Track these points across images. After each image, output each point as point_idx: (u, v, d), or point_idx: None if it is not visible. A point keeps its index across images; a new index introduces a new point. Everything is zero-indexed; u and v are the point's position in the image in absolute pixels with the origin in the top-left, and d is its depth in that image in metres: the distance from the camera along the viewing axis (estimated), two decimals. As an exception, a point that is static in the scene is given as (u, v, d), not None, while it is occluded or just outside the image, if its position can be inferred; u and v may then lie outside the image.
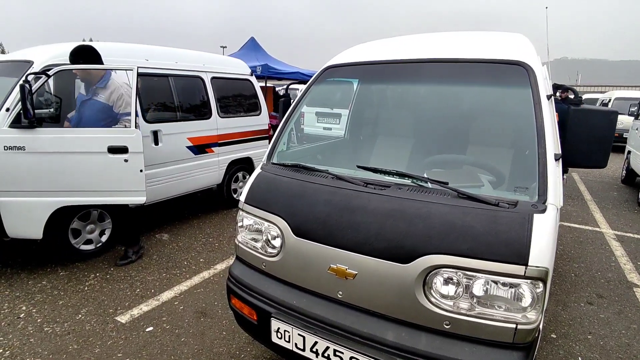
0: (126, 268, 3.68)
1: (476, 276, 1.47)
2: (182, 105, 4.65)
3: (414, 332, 1.55)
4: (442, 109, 2.28)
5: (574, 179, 8.30)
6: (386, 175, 1.85)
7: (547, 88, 1.85)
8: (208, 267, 3.76)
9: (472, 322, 1.47)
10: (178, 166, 4.60)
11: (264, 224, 1.96)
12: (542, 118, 1.70)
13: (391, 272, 1.57)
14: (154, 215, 5.10)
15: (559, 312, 3.12)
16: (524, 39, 2.26)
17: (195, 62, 4.85)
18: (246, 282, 2.00)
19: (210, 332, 2.77)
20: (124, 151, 3.40)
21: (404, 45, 2.44)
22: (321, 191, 1.85)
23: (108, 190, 3.44)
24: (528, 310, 1.44)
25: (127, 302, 3.11)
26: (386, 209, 1.66)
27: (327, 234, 1.71)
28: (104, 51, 3.88)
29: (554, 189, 1.58)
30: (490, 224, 1.50)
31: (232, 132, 5.32)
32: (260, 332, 1.92)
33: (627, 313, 3.14)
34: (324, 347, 1.66)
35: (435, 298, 1.53)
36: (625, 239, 4.77)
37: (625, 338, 2.81)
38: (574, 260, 4.11)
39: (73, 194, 3.38)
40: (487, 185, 1.81)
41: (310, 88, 2.44)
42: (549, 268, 1.44)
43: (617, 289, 3.53)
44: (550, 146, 1.65)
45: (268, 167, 2.19)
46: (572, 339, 2.78)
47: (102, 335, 2.70)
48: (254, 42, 11.25)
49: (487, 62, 1.98)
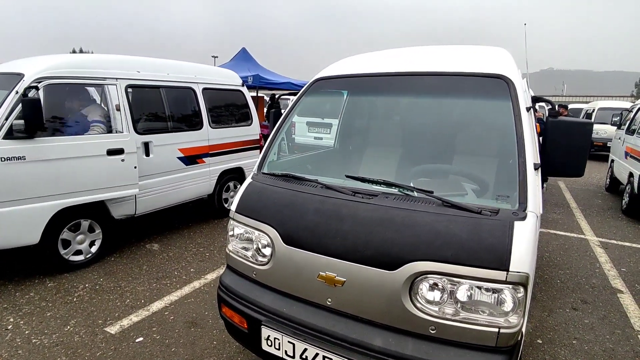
0: (116, 278, 3.66)
1: (460, 282, 1.52)
2: (173, 116, 4.67)
3: (401, 338, 1.59)
4: (428, 120, 2.36)
5: (560, 187, 8.47)
6: (374, 185, 1.91)
7: (526, 100, 1.93)
8: (199, 277, 3.76)
9: (456, 327, 1.52)
10: (169, 177, 4.61)
11: (255, 232, 1.99)
12: (522, 129, 1.78)
13: (379, 279, 1.61)
14: (144, 225, 5.08)
15: (545, 317, 3.18)
16: (505, 53, 2.36)
17: (186, 74, 4.90)
18: (237, 291, 2.02)
19: (201, 342, 2.77)
20: (121, 152, 3.87)
21: (392, 58, 2.52)
22: (311, 200, 1.89)
23: (107, 187, 3.83)
24: (510, 314, 1.49)
25: (117, 313, 3.10)
26: (374, 217, 1.71)
27: (317, 242, 1.75)
28: (96, 62, 3.93)
29: (533, 197, 1.65)
30: (473, 231, 1.55)
31: (224, 143, 5.35)
32: (250, 340, 1.94)
33: (611, 318, 3.21)
34: (313, 354, 1.68)
35: (421, 304, 1.57)
36: (609, 246, 4.88)
37: (610, 343, 2.88)
38: (559, 267, 4.19)
39: (74, 195, 3.63)
40: (470, 193, 1.88)
41: (301, 99, 2.50)
42: (529, 273, 1.49)
43: (601, 294, 3.61)
44: (530, 156, 1.72)
45: (259, 177, 2.23)
46: (558, 344, 2.84)
47: (91, 346, 2.68)
48: (245, 53, 11.36)
49: (470, 75, 2.06)
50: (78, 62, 3.80)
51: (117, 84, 4.01)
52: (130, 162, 3.98)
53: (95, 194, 3.75)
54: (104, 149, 3.77)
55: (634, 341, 2.90)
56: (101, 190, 3.79)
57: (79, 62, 3.81)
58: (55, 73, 3.55)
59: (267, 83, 10.31)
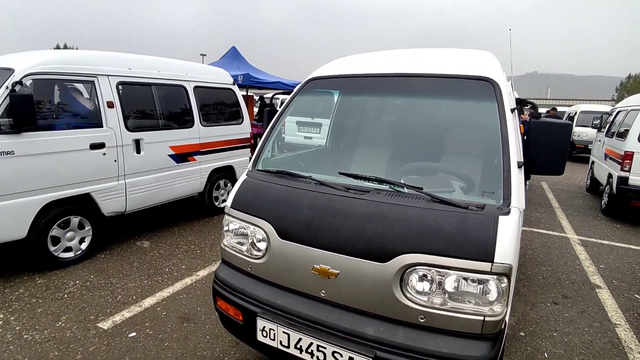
0: (107, 275, 3.66)
1: (448, 273, 1.61)
2: (164, 113, 4.68)
3: (392, 327, 1.67)
4: (418, 120, 2.45)
5: (543, 187, 8.71)
6: (366, 181, 1.98)
7: (511, 102, 2.03)
8: (190, 273, 3.78)
9: (444, 316, 1.60)
10: (160, 174, 4.62)
11: (250, 227, 2.05)
12: (506, 129, 1.88)
13: (371, 271, 1.68)
14: (134, 222, 5.07)
15: (528, 311, 3.31)
16: (491, 56, 2.46)
17: (178, 72, 4.91)
18: (232, 284, 2.07)
19: (194, 336, 2.80)
20: (102, 146, 3.91)
21: (383, 60, 2.60)
22: (305, 196, 1.95)
23: (90, 180, 3.89)
24: (494, 303, 1.58)
25: (109, 309, 3.11)
26: (366, 212, 1.78)
27: (311, 236, 1.82)
28: (86, 59, 3.92)
29: (517, 194, 1.74)
30: (460, 225, 1.64)
31: (214, 141, 5.37)
32: (245, 332, 2.00)
33: (589, 312, 3.36)
34: (307, 343, 1.75)
35: (411, 294, 1.65)
36: (588, 244, 5.07)
37: (588, 335, 3.01)
38: (541, 264, 4.34)
39: (60, 189, 3.66)
40: (458, 190, 1.97)
41: (295, 98, 2.56)
42: (512, 264, 1.58)
43: (580, 290, 3.76)
44: (514, 155, 1.82)
45: (253, 174, 2.28)
46: (539, 336, 2.96)
47: (84, 341, 2.70)
48: (235, 52, 11.35)
49: (457, 77, 2.15)
50: (69, 58, 3.79)
51: (108, 80, 4.01)
52: (111, 156, 4.02)
53: (78, 187, 3.80)
54: (87, 143, 3.80)
55: (611, 333, 3.05)
56: (84, 183, 3.84)
57: (70, 58, 3.80)
58: (46, 69, 3.54)
59: (257, 82, 10.32)
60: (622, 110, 7.13)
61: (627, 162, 5.82)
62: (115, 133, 4.03)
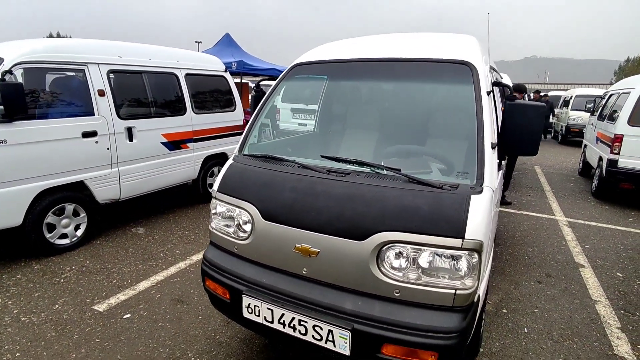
0: (102, 261, 3.75)
1: (422, 249, 1.68)
2: (156, 101, 4.71)
3: (369, 301, 1.75)
4: (399, 103, 2.50)
5: (535, 171, 8.79)
6: (347, 164, 2.04)
7: (487, 85, 2.08)
8: (184, 258, 3.87)
9: (418, 290, 1.69)
10: (153, 162, 4.67)
11: (236, 210, 2.12)
12: (481, 111, 1.93)
13: (349, 249, 1.76)
14: (129, 209, 5.14)
15: (511, 290, 3.41)
16: (472, 40, 2.50)
17: (169, 59, 4.91)
18: (219, 264, 2.15)
19: (187, 317, 2.90)
20: (94, 134, 3.96)
21: (367, 45, 2.63)
22: (288, 179, 2.02)
23: (83, 168, 3.95)
24: (465, 278, 1.66)
25: (104, 293, 3.20)
26: (345, 193, 1.85)
27: (293, 217, 1.89)
28: (76, 47, 3.93)
29: (490, 174, 1.81)
30: (434, 204, 1.71)
31: (207, 128, 5.41)
32: (232, 310, 2.08)
33: (571, 290, 3.46)
34: (290, 318, 1.83)
35: (387, 270, 1.73)
36: (576, 225, 5.17)
37: (568, 311, 3.12)
38: (528, 245, 4.45)
39: (54, 177, 3.72)
40: (435, 171, 2.03)
41: (280, 84, 2.60)
42: (483, 241, 1.66)
43: (564, 269, 3.86)
44: (488, 136, 1.88)
45: (239, 158, 2.34)
46: (521, 313, 3.07)
47: (80, 323, 2.79)
48: (229, 38, 11.26)
49: (437, 61, 2.20)
50: (58, 47, 3.80)
51: (99, 69, 4.03)
52: (104, 144, 4.08)
53: (72, 175, 3.85)
54: (79, 131, 3.85)
55: (590, 309, 3.16)
56: (78, 171, 3.90)
57: (60, 47, 3.81)
58: (35, 57, 3.56)
59: (251, 69, 10.28)
60: (614, 93, 7.16)
61: (617, 144, 5.89)
62: (107, 121, 4.07)
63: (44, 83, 3.92)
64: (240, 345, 2.60)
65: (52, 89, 3.90)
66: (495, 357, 2.55)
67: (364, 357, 1.73)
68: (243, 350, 2.55)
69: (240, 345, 2.60)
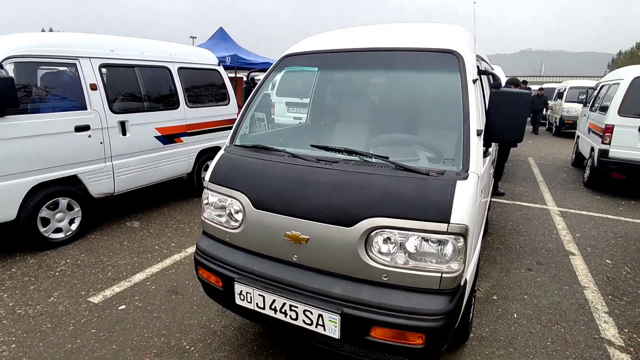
0: (97, 254, 3.77)
1: (409, 234, 1.72)
2: (149, 95, 4.71)
3: (358, 285, 1.79)
4: (387, 92, 2.53)
5: (529, 162, 8.86)
6: (337, 153, 2.07)
7: (474, 73, 2.11)
8: (179, 250, 3.90)
9: (406, 274, 1.73)
10: (147, 156, 4.68)
11: (227, 199, 2.14)
12: (468, 99, 1.96)
13: (338, 235, 1.79)
14: (124, 203, 5.16)
15: (502, 277, 3.47)
16: (460, 30, 2.52)
17: (161, 53, 4.90)
18: (212, 253, 2.18)
19: (182, 307, 2.94)
20: (87, 129, 3.95)
21: (357, 35, 2.65)
22: (278, 168, 2.05)
23: (77, 162, 3.95)
24: (451, 261, 1.70)
25: (100, 285, 3.22)
26: (334, 181, 1.88)
27: (283, 205, 1.92)
28: (68, 41, 3.93)
29: (475, 160, 1.84)
30: (420, 190, 1.74)
31: (201, 122, 5.41)
32: (225, 297, 2.12)
33: (561, 277, 3.52)
34: (281, 304, 1.87)
35: (375, 255, 1.77)
36: (567, 215, 5.24)
37: (557, 297, 3.18)
38: (520, 234, 4.50)
39: (46, 171, 3.73)
40: (423, 159, 2.06)
41: (270, 75, 2.62)
42: (468, 225, 1.70)
43: (555, 257, 3.93)
44: (474, 124, 1.91)
45: (230, 149, 2.36)
46: (511, 299, 3.13)
47: (76, 314, 2.82)
48: (222, 33, 11.22)
49: (424, 50, 2.22)
50: (50, 41, 3.79)
51: (91, 63, 4.02)
52: (97, 138, 4.08)
53: (65, 169, 3.86)
54: (71, 125, 3.85)
55: (579, 295, 3.22)
56: (71, 165, 3.90)
57: (51, 41, 3.80)
58: (26, 52, 3.55)
59: (245, 63, 10.26)
60: (605, 84, 7.22)
61: (608, 135, 5.95)
62: (100, 115, 4.07)
63: (36, 77, 3.92)
64: (234, 333, 2.64)
65: (44, 83, 3.90)
66: (484, 341, 2.61)
67: (353, 340, 1.78)
68: (237, 338, 2.59)
69: (235, 334, 2.64)
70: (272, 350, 2.49)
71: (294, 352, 2.46)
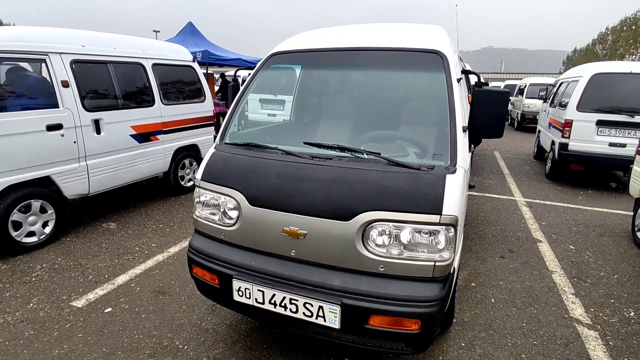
0: (75, 257, 3.65)
1: (403, 226, 1.81)
2: (123, 92, 4.56)
3: (356, 277, 1.87)
4: (374, 90, 2.61)
5: (495, 156, 9.29)
6: (329, 150, 2.13)
7: (457, 72, 2.23)
8: (161, 250, 3.84)
9: (401, 264, 1.82)
10: (122, 155, 4.56)
11: (221, 197, 2.16)
12: (453, 97, 2.08)
13: (336, 229, 1.86)
14: (99, 204, 4.99)
15: (478, 266, 3.67)
16: (441, 30, 2.64)
17: (135, 49, 4.77)
18: (207, 251, 2.19)
19: (170, 307, 2.91)
20: (60, 127, 3.81)
21: (342, 34, 2.72)
22: (273, 165, 2.08)
23: (49, 163, 3.79)
24: (443, 250, 1.81)
25: (81, 289, 3.14)
26: (330, 177, 1.94)
27: (280, 201, 1.96)
28: (37, 36, 3.75)
29: (462, 155, 1.96)
30: (413, 184, 1.84)
31: (177, 120, 5.31)
32: (222, 294, 2.14)
33: (531, 263, 3.77)
34: (281, 298, 1.92)
35: (372, 247, 1.85)
36: (533, 205, 5.57)
37: (529, 282, 3.41)
38: (491, 224, 4.76)
39: (18, 172, 3.56)
40: (412, 154, 2.17)
41: (258, 73, 2.64)
42: (458, 216, 1.81)
43: (524, 244, 4.19)
44: (460, 120, 2.03)
45: (221, 147, 2.37)
46: (488, 285, 3.32)
47: (59, 319, 2.74)
48: (192, 27, 10.95)
49: (410, 50, 2.32)
50: (17, 36, 3.60)
51: (61, 58, 3.86)
52: (70, 137, 3.93)
53: (37, 170, 3.70)
54: (43, 124, 3.68)
55: (547, 279, 3.46)
56: (44, 166, 3.74)
57: (19, 36, 3.61)
58: (-9, 46, 3.36)
59: (216, 59, 10.08)
60: (564, 81, 7.68)
61: (567, 129, 6.35)
62: (73, 113, 3.92)
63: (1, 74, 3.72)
64: (227, 330, 2.66)
65: (12, 80, 3.70)
66: (467, 326, 2.77)
67: (352, 329, 1.86)
68: (230, 335, 2.61)
69: (227, 331, 2.65)
70: (267, 345, 2.53)
71: (288, 346, 2.52)
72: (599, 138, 6.15)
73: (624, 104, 6.01)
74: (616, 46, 41.67)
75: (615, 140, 6.07)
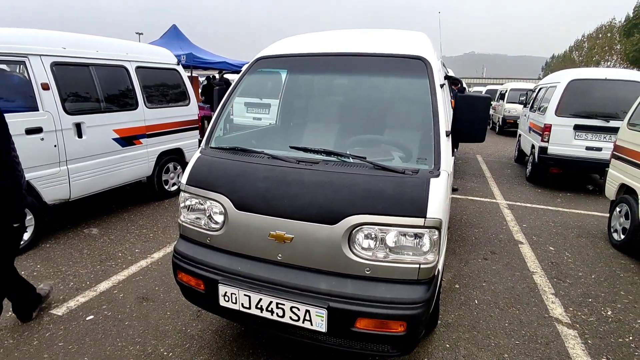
0: (55, 264, 3.56)
1: (389, 230, 1.84)
2: (105, 96, 4.49)
3: (342, 280, 1.88)
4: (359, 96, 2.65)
5: (477, 159, 9.47)
6: (315, 154, 2.15)
7: (440, 78, 2.28)
8: (145, 256, 3.78)
9: (387, 267, 1.85)
10: (105, 159, 4.48)
11: (207, 202, 2.15)
12: (436, 103, 2.12)
13: (322, 233, 1.88)
14: (80, 209, 4.88)
15: (462, 267, 3.73)
16: (424, 37, 2.70)
17: (117, 51, 4.70)
18: (192, 257, 2.17)
19: (155, 313, 2.87)
20: (39, 131, 3.73)
21: (328, 40, 2.75)
22: (259, 169, 2.09)
23: (28, 167, 3.53)
24: (428, 253, 1.84)
25: (62, 296, 3.06)
26: (316, 181, 1.96)
27: (267, 205, 1.97)
28: (16, 37, 3.67)
29: (445, 159, 2.01)
30: (398, 187, 1.87)
31: (161, 123, 5.25)
32: (208, 300, 2.12)
33: (513, 264, 3.86)
34: (267, 302, 1.92)
35: (358, 251, 1.87)
36: (514, 207, 5.70)
37: (511, 282, 3.49)
38: (474, 227, 4.85)
39: None
40: (397, 158, 2.20)
41: (244, 77, 2.64)
42: (442, 219, 1.85)
43: (506, 246, 4.28)
44: (443, 125, 2.07)
45: (207, 151, 2.36)
46: (471, 287, 3.38)
47: (39, 328, 2.67)
48: (176, 30, 10.87)
49: (394, 56, 2.36)
50: (-6, 37, 3.52)
51: (41, 60, 3.78)
52: (50, 141, 3.84)
53: None
54: (22, 128, 3.57)
55: (529, 280, 3.55)
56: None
57: (-5, 37, 3.53)
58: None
59: (201, 62, 10.01)
60: (543, 87, 7.90)
61: (547, 133, 6.54)
62: (53, 117, 3.84)
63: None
64: (212, 336, 2.63)
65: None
66: (451, 327, 2.81)
67: (339, 332, 1.87)
68: (216, 341, 2.59)
69: (213, 337, 2.63)
70: (252, 350, 2.52)
71: (275, 351, 2.51)
72: (577, 142, 6.35)
73: (600, 109, 6.23)
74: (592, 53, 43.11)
75: (591, 144, 6.27)
